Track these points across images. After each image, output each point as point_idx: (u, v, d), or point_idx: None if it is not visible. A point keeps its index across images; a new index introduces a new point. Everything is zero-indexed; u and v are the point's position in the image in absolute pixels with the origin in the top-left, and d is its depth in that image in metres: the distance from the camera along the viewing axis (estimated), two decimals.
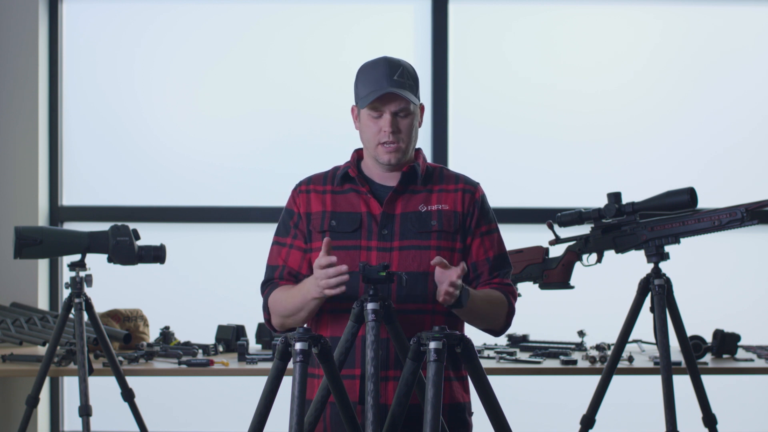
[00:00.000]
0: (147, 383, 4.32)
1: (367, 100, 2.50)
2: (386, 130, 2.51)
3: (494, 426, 2.35)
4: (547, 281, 3.76)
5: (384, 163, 2.55)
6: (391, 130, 2.51)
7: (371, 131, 2.54)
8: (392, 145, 2.52)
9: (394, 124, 2.52)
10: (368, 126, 2.54)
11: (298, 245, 2.60)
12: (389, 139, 2.52)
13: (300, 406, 2.18)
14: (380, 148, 2.53)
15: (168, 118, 4.96)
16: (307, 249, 2.59)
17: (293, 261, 2.59)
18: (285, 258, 2.60)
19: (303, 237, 2.59)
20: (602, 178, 4.85)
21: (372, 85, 2.51)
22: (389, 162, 2.54)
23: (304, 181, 2.65)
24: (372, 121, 2.53)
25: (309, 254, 2.58)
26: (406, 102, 2.52)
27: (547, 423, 4.78)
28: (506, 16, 4.98)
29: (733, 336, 4.00)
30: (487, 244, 2.60)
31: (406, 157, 2.57)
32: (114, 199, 4.93)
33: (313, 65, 4.97)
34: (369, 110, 2.52)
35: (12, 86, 4.79)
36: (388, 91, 2.49)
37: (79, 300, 3.67)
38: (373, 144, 2.54)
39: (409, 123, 2.54)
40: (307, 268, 2.58)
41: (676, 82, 4.97)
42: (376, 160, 2.56)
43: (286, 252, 2.60)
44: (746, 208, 3.31)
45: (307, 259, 2.59)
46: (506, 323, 2.62)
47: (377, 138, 2.53)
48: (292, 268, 2.59)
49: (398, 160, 2.54)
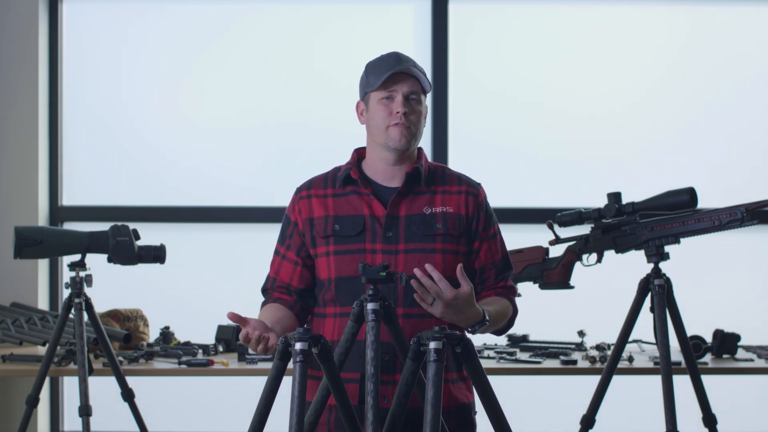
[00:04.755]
0: (147, 383, 4.32)
1: (379, 81, 2.50)
2: (399, 111, 2.50)
3: (494, 426, 2.35)
4: (547, 281, 3.76)
5: (394, 146, 2.53)
6: (404, 111, 2.51)
7: (382, 114, 2.52)
8: (404, 126, 2.51)
9: (407, 106, 2.51)
10: (378, 110, 2.53)
11: (290, 257, 2.60)
12: (401, 120, 2.51)
13: (300, 406, 2.18)
14: (392, 129, 2.52)
15: (169, 117, 4.96)
16: (297, 261, 2.59)
17: (284, 273, 2.61)
18: (276, 269, 2.63)
19: (296, 248, 2.60)
20: (602, 178, 4.86)
21: (385, 69, 2.51)
22: (400, 142, 2.52)
23: (305, 186, 2.64)
24: (383, 105, 2.52)
25: (299, 267, 2.59)
26: (418, 85, 2.52)
27: (547, 423, 4.78)
28: (506, 16, 4.98)
29: (733, 336, 4.00)
30: (494, 247, 2.62)
31: (414, 144, 2.56)
32: (114, 199, 4.93)
33: (313, 65, 4.97)
34: (381, 92, 2.52)
35: (12, 86, 4.79)
36: (402, 68, 2.50)
37: (79, 300, 3.67)
38: (384, 127, 2.52)
39: (419, 110, 2.54)
40: (297, 281, 2.60)
41: (676, 83, 4.97)
42: (385, 145, 2.54)
43: (278, 263, 2.63)
44: (746, 208, 3.31)
45: (298, 272, 2.59)
46: (510, 324, 2.65)
47: (388, 120, 2.52)
48: (282, 280, 2.61)
49: (408, 142, 2.53)
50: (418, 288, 2.35)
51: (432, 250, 2.53)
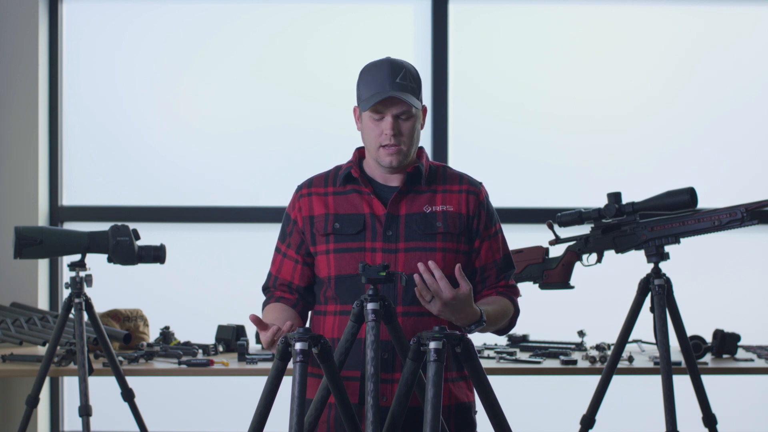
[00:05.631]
0: (147, 383, 4.32)
1: (368, 104, 2.49)
2: (387, 133, 2.50)
3: (494, 426, 2.35)
4: (547, 281, 3.76)
5: (385, 166, 2.54)
6: (393, 133, 2.50)
7: (373, 134, 2.52)
8: (393, 148, 2.51)
9: (396, 127, 2.50)
10: (370, 128, 2.53)
11: (291, 255, 2.61)
12: (390, 142, 2.50)
13: (300, 406, 2.18)
14: (381, 150, 2.52)
15: (170, 117, 4.96)
16: (297, 259, 2.60)
17: (285, 271, 2.62)
18: (278, 267, 2.63)
19: (296, 246, 2.60)
20: (602, 178, 4.85)
21: (374, 88, 2.49)
22: (390, 165, 2.53)
23: (305, 184, 2.64)
24: (374, 124, 2.52)
25: (299, 264, 2.59)
26: (407, 105, 2.50)
27: (547, 423, 4.78)
28: (506, 16, 4.97)
29: (733, 336, 4.00)
30: (495, 246, 2.62)
31: (407, 159, 2.56)
32: (114, 199, 4.92)
33: (313, 65, 4.96)
34: (371, 113, 2.51)
35: (12, 86, 4.79)
36: (389, 95, 2.48)
37: (79, 300, 3.67)
38: (375, 146, 2.53)
39: (410, 126, 2.52)
40: (299, 279, 2.60)
41: (676, 83, 4.97)
42: (378, 162, 2.55)
43: (280, 261, 2.63)
44: (746, 208, 3.31)
45: (299, 270, 2.60)
46: (512, 324, 2.65)
47: (379, 141, 2.52)
48: (284, 278, 2.61)
49: (399, 162, 2.53)
50: (419, 283, 2.35)
51: (432, 248, 2.53)
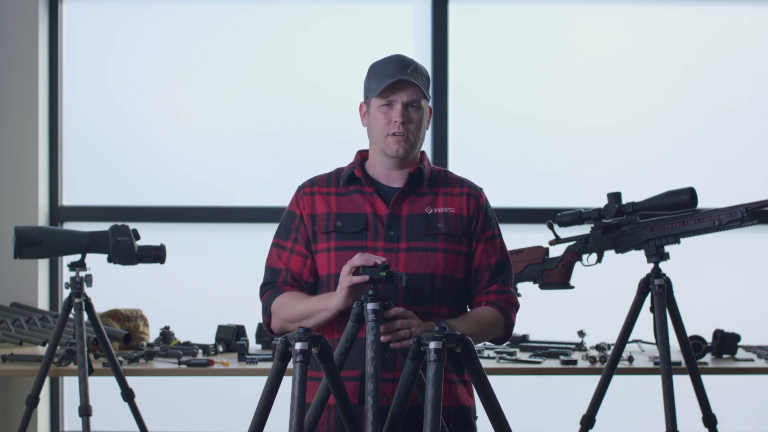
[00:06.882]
0: (147, 383, 4.32)
1: (379, 89, 2.50)
2: (397, 120, 2.51)
3: (494, 426, 2.35)
4: (547, 281, 3.76)
5: (392, 155, 2.54)
6: (402, 120, 2.51)
7: (381, 123, 2.53)
8: (401, 136, 2.51)
9: (405, 115, 2.51)
10: (378, 118, 2.53)
11: (299, 250, 2.59)
12: (399, 129, 2.51)
13: (300, 406, 2.18)
14: (389, 138, 2.52)
15: (170, 117, 4.96)
16: (306, 255, 2.58)
17: (294, 266, 2.59)
18: (286, 262, 2.59)
19: (304, 242, 2.59)
20: (602, 178, 4.85)
21: (385, 77, 2.51)
22: (397, 152, 2.53)
23: (308, 183, 2.64)
24: (382, 112, 2.53)
25: (309, 260, 2.58)
26: (418, 93, 2.51)
27: (547, 423, 4.78)
28: (506, 16, 4.97)
29: (733, 336, 4.00)
30: (490, 249, 2.61)
31: (413, 152, 2.56)
32: (114, 199, 4.92)
33: (313, 66, 4.96)
34: (380, 100, 2.52)
35: (12, 86, 4.79)
36: (401, 78, 2.49)
37: (79, 300, 3.67)
38: (382, 135, 2.53)
39: (419, 117, 2.53)
40: (308, 274, 2.58)
41: (677, 83, 4.97)
42: (384, 152, 2.55)
43: (287, 256, 2.60)
44: (746, 208, 3.31)
45: (308, 265, 2.58)
46: (506, 334, 2.62)
47: (387, 129, 2.52)
48: (295, 272, 2.59)
49: (406, 152, 2.53)
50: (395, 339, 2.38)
51: (434, 249, 2.53)
